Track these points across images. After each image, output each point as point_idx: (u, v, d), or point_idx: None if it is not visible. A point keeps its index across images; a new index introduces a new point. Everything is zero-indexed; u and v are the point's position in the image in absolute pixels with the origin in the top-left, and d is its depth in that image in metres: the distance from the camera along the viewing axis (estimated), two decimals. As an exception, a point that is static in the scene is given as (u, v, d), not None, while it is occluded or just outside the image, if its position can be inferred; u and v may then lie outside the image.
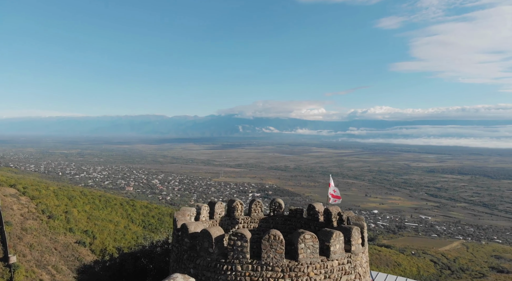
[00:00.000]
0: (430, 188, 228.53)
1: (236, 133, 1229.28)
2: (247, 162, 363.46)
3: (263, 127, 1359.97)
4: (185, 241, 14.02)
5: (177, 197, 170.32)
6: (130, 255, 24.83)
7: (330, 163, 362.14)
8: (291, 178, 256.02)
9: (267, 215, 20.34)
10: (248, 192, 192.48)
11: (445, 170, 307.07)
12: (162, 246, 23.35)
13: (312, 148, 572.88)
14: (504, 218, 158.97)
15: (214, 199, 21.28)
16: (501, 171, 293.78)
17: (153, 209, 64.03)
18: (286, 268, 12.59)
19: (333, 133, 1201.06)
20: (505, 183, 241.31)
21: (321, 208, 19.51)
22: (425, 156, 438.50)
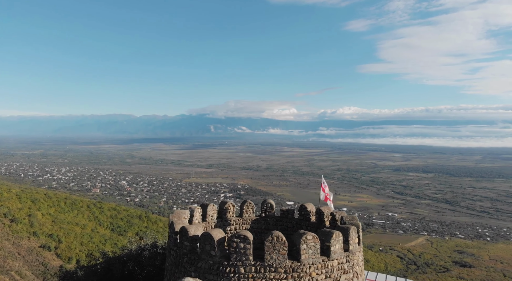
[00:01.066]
0: (396, 186, 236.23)
1: (208, 133, 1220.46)
2: (219, 162, 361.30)
3: (235, 127, 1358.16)
4: (185, 244, 13.82)
5: (146, 198, 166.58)
6: (116, 259, 24.25)
7: (301, 163, 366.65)
8: (263, 177, 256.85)
9: (258, 216, 20.24)
10: (220, 193, 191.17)
11: (410, 169, 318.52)
12: (151, 249, 22.90)
13: (283, 148, 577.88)
14: (466, 214, 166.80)
15: (206, 201, 21.46)
16: (463, 169, 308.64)
17: (121, 211, 62.32)
18: (289, 269, 12.68)
19: (304, 133, 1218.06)
20: (466, 181, 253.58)
21: (313, 208, 19.61)
22: (391, 155, 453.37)
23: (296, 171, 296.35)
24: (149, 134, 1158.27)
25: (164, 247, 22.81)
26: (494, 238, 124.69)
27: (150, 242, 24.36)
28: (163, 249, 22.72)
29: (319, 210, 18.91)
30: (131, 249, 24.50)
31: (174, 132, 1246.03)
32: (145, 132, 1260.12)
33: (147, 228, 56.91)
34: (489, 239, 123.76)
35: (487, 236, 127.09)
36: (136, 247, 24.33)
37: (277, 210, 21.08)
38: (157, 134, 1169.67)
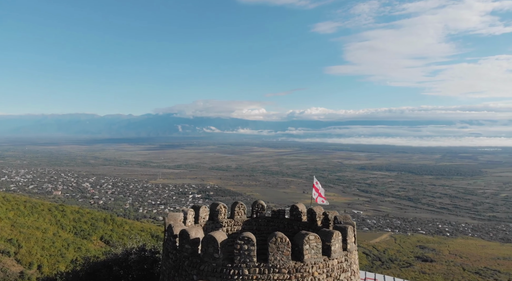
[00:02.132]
0: (361, 184, 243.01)
1: (175, 133, 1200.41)
2: (187, 163, 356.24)
3: (204, 126, 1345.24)
4: (186, 247, 13.70)
5: (111, 201, 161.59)
6: (102, 264, 23.46)
7: (270, 162, 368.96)
8: (232, 178, 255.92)
9: (249, 217, 20.18)
10: (188, 194, 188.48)
11: (374, 167, 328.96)
12: (139, 253, 22.37)
13: (253, 148, 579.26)
14: (427, 211, 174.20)
15: (199, 203, 21.25)
16: (424, 168, 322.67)
17: (85, 214, 59.97)
18: (293, 269, 12.81)
19: (273, 133, 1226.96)
20: (427, 179, 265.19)
21: (304, 208, 19.70)
22: (356, 154, 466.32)
23: (266, 171, 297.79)
24: (113, 134, 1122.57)
25: (153, 250, 22.71)
26: (453, 233, 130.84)
27: (138, 245, 23.75)
28: (151, 253, 22.44)
29: (311, 210, 19.00)
30: (116, 253, 23.88)
31: (139, 132, 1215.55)
32: (109, 132, 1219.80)
33: (112, 231, 54.98)
34: (449, 234, 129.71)
35: (447, 232, 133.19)
36: (121, 251, 23.69)
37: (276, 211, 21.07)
38: (121, 134, 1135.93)
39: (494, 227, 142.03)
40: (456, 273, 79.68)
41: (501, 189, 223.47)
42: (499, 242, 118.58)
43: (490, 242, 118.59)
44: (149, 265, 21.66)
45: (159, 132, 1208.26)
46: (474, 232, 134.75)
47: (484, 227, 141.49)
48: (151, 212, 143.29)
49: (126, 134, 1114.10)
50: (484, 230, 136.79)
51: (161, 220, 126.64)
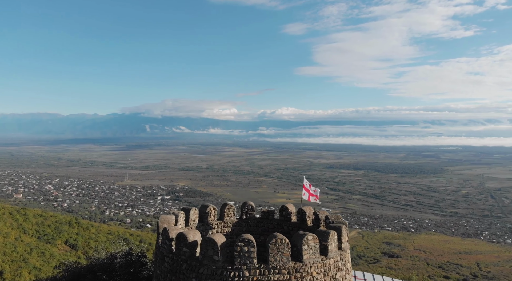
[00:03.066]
0: (330, 182, 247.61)
1: (143, 133, 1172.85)
2: (155, 163, 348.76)
3: (173, 126, 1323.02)
4: (184, 251, 13.57)
5: (75, 203, 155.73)
6: (87, 269, 22.90)
7: (242, 162, 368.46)
8: (203, 178, 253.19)
9: (239, 219, 20.12)
10: (156, 195, 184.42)
11: (342, 166, 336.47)
12: (125, 257, 21.97)
13: (224, 148, 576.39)
14: (392, 208, 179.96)
15: (188, 206, 20.16)
16: (389, 166, 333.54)
17: (48, 217, 57.19)
18: (292, 269, 12.91)
19: (244, 133, 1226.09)
20: (393, 177, 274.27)
21: (293, 208, 19.76)
22: (325, 154, 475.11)
23: (237, 171, 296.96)
24: (78, 134, 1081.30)
25: (140, 254, 22.47)
26: (417, 229, 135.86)
27: (124, 249, 23.25)
28: (138, 257, 22.14)
29: (301, 210, 19.03)
30: (99, 257, 23.27)
31: (105, 132, 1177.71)
32: (73, 132, 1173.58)
33: (78, 235, 52.80)
34: (413, 230, 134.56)
35: (412, 228, 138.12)
36: (105, 255, 23.12)
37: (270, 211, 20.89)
38: (86, 134, 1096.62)
39: (455, 223, 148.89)
40: (420, 268, 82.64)
41: (462, 186, 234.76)
42: (460, 237, 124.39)
43: (452, 237, 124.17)
44: (136, 269, 21.39)
45: (125, 132, 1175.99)
46: (437, 227, 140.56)
47: (446, 223, 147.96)
48: (118, 214, 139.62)
49: (91, 134, 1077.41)
50: (446, 226, 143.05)
51: (129, 222, 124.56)
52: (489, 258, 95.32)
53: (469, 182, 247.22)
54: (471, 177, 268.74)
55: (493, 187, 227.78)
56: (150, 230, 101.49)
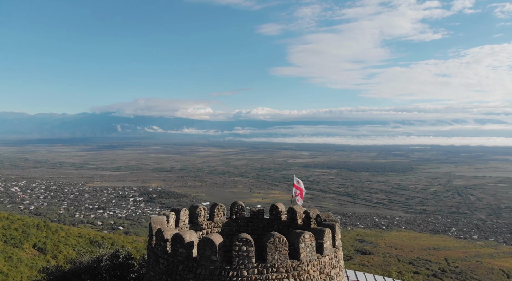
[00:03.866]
0: (305, 181, 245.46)
1: (114, 133, 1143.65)
2: (127, 164, 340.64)
3: (146, 126, 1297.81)
4: (180, 251, 13.43)
5: (43, 206, 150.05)
6: (71, 273, 22.27)
7: (217, 162, 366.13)
8: (177, 179, 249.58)
9: (229, 218, 20.11)
10: (129, 197, 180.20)
11: (316, 165, 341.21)
12: (112, 259, 21.82)
13: (199, 148, 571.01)
14: (364, 206, 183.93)
15: (178, 206, 20.05)
16: (361, 165, 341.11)
17: (15, 221, 54.43)
18: (290, 268, 13.02)
19: (219, 133, 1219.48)
20: (364, 175, 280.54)
21: (283, 207, 19.90)
22: (300, 153, 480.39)
23: (212, 171, 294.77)
24: (46, 134, 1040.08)
25: (127, 256, 22.32)
26: (388, 226, 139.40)
27: (110, 252, 22.98)
28: (125, 259, 22.01)
29: (291, 209, 19.08)
30: (82, 261, 22.80)
31: (74, 132, 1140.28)
32: (41, 132, 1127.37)
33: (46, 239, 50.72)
34: (385, 227, 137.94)
35: (383, 225, 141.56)
36: (89, 258, 22.79)
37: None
38: (55, 134, 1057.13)
39: (424, 220, 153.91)
40: (392, 264, 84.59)
41: (430, 184, 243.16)
42: (429, 234, 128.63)
43: (421, 233, 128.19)
44: (123, 271, 21.21)
45: (96, 132, 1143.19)
46: (407, 224, 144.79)
47: (415, 220, 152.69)
48: (89, 217, 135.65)
49: (60, 134, 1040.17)
50: (416, 223, 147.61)
51: (100, 225, 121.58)
52: (457, 253, 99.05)
53: (437, 180, 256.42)
54: (439, 175, 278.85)
55: (460, 185, 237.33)
56: (123, 233, 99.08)
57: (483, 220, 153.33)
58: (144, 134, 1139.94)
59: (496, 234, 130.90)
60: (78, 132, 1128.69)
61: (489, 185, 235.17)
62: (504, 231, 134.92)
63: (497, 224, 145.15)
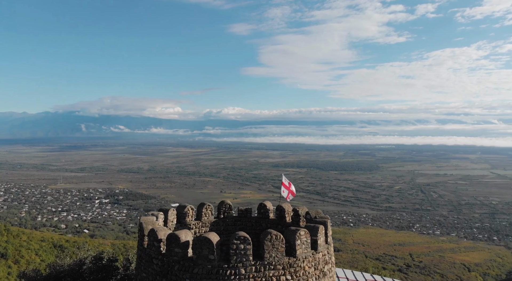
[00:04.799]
0: (276, 181, 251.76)
1: (78, 133, 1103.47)
2: (92, 165, 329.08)
3: (111, 126, 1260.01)
4: (175, 251, 13.31)
5: (3, 209, 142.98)
6: (52, 277, 21.73)
7: (187, 163, 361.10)
8: (144, 180, 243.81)
9: (217, 218, 20.09)
10: (94, 199, 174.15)
11: (287, 164, 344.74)
12: (96, 262, 21.44)
13: (168, 148, 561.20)
14: (333, 204, 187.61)
15: (168, 206, 20.07)
16: (329, 164, 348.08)
17: (-26, 224, 51.07)
18: (287, 265, 13.17)
19: (189, 132, 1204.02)
20: (333, 174, 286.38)
21: (271, 206, 20.01)
22: (271, 153, 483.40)
23: (182, 172, 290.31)
24: (5, 134, 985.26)
25: (112, 258, 21.97)
26: (356, 223, 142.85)
27: (92, 254, 22.63)
28: (109, 261, 21.67)
29: (280, 207, 19.15)
30: (63, 264, 22.25)
31: (36, 131, 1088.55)
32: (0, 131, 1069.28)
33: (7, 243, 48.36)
34: (352, 224, 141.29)
35: (351, 222, 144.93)
36: (71, 261, 22.32)
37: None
38: (14, 134, 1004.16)
39: (390, 217, 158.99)
40: (359, 261, 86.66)
41: (395, 182, 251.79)
42: (394, 230, 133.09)
43: (387, 230, 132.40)
44: (107, 274, 20.93)
45: (59, 132, 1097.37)
46: (373, 221, 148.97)
47: (381, 217, 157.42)
48: (52, 220, 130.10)
49: (20, 134, 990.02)
50: (382, 220, 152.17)
51: (64, 228, 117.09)
52: (421, 249, 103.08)
53: (402, 178, 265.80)
54: (403, 174, 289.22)
55: (423, 182, 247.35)
56: (88, 236, 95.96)
57: (444, 216, 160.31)
58: (110, 134, 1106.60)
59: (457, 230, 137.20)
60: (39, 132, 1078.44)
61: (450, 182, 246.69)
62: (465, 227, 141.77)
63: (458, 220, 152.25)
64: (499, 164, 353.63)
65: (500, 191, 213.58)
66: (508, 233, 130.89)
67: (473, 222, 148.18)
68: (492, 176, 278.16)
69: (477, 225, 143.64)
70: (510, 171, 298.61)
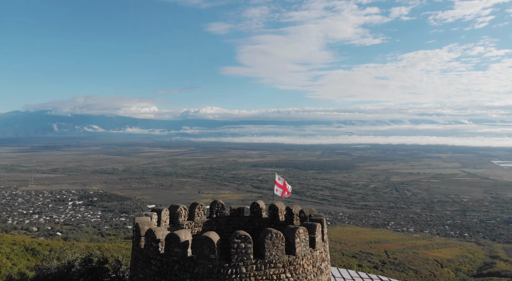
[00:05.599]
0: (254, 180, 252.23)
1: (50, 133, 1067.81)
2: (65, 166, 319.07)
3: (85, 125, 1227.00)
4: (175, 251, 13.21)
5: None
6: (41, 280, 21.19)
7: (163, 163, 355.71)
8: (120, 181, 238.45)
9: (209, 218, 20.08)
10: (67, 201, 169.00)
11: (265, 164, 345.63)
12: (85, 264, 21.23)
13: (143, 148, 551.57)
14: (311, 203, 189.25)
15: (161, 206, 19.93)
16: (307, 163, 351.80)
17: None
18: (287, 263, 13.30)
19: (166, 132, 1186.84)
20: (310, 173, 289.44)
21: (263, 205, 20.25)
22: (249, 153, 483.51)
23: (158, 172, 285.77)
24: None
25: (101, 260, 21.84)
26: (333, 222, 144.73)
27: (81, 256, 22.36)
28: (99, 263, 21.49)
29: (273, 206, 19.27)
30: (50, 267, 21.63)
31: (5, 131, 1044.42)
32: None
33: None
34: (329, 223, 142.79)
35: (328, 221, 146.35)
36: (57, 264, 21.84)
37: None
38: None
39: (366, 215, 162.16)
40: (337, 259, 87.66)
41: (371, 181, 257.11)
42: (370, 228, 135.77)
43: (363, 228, 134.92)
44: (97, 276, 20.88)
45: (30, 132, 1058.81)
46: (350, 220, 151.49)
47: (358, 215, 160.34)
48: (23, 222, 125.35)
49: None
50: (358, 218, 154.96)
51: (36, 231, 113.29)
52: (395, 246, 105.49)
53: (377, 177, 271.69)
54: (378, 172, 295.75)
55: (397, 181, 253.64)
56: (61, 239, 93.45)
57: (418, 213, 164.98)
58: (83, 134, 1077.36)
59: (430, 227, 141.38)
60: (9, 132, 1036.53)
61: (423, 181, 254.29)
62: (437, 224, 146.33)
63: (431, 217, 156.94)
64: (469, 163, 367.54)
65: (470, 189, 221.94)
66: (478, 230, 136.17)
67: (445, 219, 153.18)
68: (462, 174, 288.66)
69: (449, 222, 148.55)
70: (479, 170, 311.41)
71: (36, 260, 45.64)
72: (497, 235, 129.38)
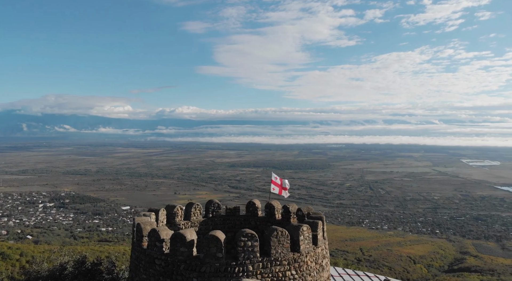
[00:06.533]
0: (232, 181, 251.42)
1: (19, 133, 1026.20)
2: (35, 167, 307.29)
3: (56, 125, 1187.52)
4: (181, 251, 13.20)
5: None
6: None
7: (138, 164, 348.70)
8: (93, 182, 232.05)
9: (205, 217, 20.11)
10: (37, 203, 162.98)
11: (243, 164, 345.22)
12: (79, 267, 21.13)
13: (117, 149, 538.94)
14: (288, 202, 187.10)
15: None
16: (285, 163, 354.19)
17: None
18: (292, 260, 13.52)
19: (140, 132, 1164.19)
20: (288, 173, 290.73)
21: (259, 203, 20.37)
22: (227, 153, 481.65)
23: (133, 173, 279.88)
24: None
25: (96, 262, 21.78)
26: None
27: (75, 258, 22.11)
28: (93, 265, 21.37)
29: (270, 204, 19.40)
30: (40, 270, 21.35)
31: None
32: None
33: None
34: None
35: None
36: (48, 267, 21.68)
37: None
38: None
39: (341, 213, 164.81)
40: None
41: (346, 179, 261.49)
42: (345, 226, 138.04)
43: (339, 226, 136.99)
44: (89, 278, 20.82)
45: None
46: (326, 218, 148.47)
47: (333, 213, 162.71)
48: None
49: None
50: (334, 216, 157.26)
51: (5, 234, 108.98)
52: (370, 243, 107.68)
53: (352, 176, 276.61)
54: (353, 171, 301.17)
55: (371, 179, 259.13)
56: (32, 242, 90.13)
57: (391, 211, 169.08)
58: (54, 134, 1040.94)
59: (403, 224, 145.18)
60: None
61: (396, 179, 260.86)
62: (410, 221, 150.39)
63: (404, 215, 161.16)
64: (440, 161, 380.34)
65: (441, 187, 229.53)
66: (449, 227, 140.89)
67: (418, 217, 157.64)
68: (433, 173, 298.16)
69: (421, 220, 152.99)
70: (450, 168, 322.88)
71: (6, 264, 43.71)
72: (467, 231, 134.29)
